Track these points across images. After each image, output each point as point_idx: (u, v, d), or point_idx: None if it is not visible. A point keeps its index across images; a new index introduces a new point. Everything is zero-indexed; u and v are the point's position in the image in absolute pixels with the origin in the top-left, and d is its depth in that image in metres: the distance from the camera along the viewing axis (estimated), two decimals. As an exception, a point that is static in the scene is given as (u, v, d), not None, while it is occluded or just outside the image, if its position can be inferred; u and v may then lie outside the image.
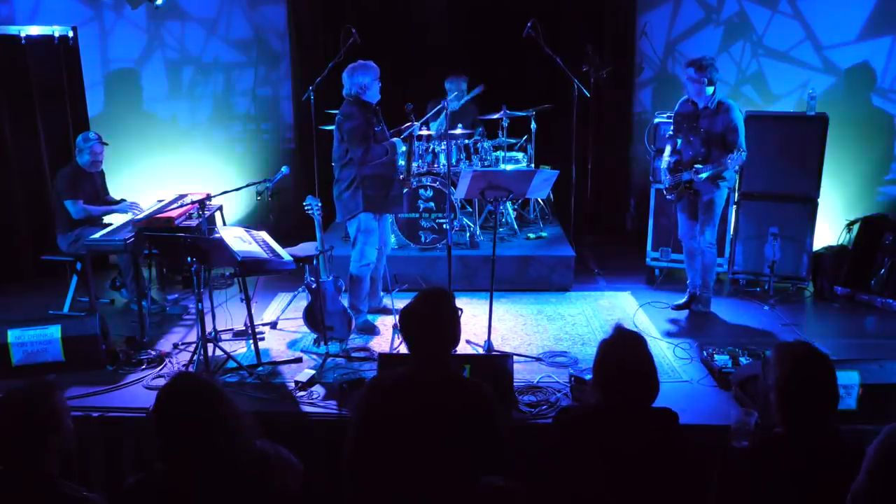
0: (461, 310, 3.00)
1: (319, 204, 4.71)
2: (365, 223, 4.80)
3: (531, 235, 6.44)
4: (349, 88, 4.71)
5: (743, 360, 4.17)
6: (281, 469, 2.33)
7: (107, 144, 5.58)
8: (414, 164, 6.10)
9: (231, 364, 4.30)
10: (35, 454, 2.25)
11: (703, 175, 4.83)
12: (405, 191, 5.59)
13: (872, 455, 2.09)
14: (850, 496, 2.12)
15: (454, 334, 2.80)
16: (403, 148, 5.36)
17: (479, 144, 6.48)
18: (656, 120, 6.01)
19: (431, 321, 2.71)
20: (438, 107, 5.97)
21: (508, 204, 6.46)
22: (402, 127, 5.21)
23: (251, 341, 4.53)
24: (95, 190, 5.57)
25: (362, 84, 4.66)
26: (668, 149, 5.13)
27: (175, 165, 7.02)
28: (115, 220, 5.36)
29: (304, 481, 2.44)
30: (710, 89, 4.83)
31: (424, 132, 6.29)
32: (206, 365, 4.20)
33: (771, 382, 2.43)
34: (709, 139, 4.87)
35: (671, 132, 5.15)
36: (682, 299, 5.37)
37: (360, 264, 4.86)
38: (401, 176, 5.60)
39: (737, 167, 4.84)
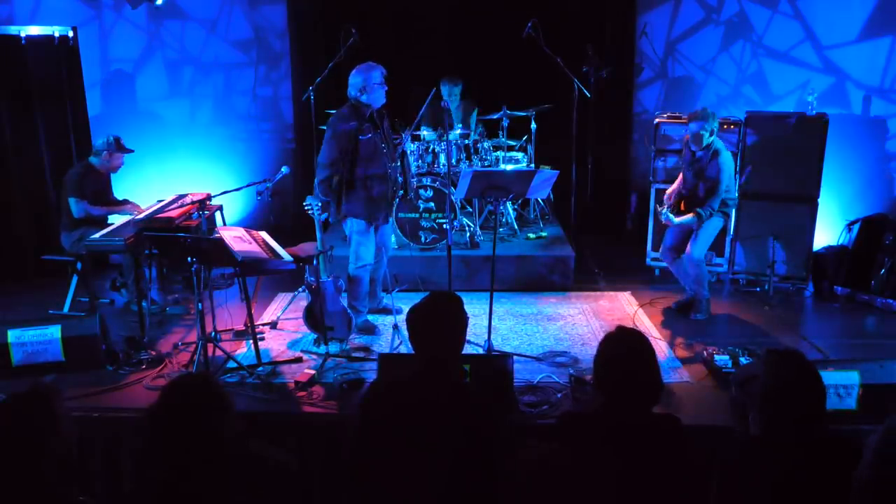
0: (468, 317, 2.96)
1: (319, 204, 4.70)
2: (357, 224, 4.78)
3: (531, 235, 6.43)
4: (348, 89, 4.67)
5: (743, 360, 4.16)
6: (275, 469, 2.33)
7: (131, 151, 5.54)
8: (414, 165, 6.04)
9: (231, 364, 4.30)
10: (32, 459, 2.24)
11: (675, 222, 5.05)
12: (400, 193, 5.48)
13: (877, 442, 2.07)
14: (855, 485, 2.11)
15: (459, 340, 2.76)
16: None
17: (479, 144, 6.48)
18: (657, 120, 6.01)
19: (437, 325, 2.68)
20: (428, 102, 5.90)
21: (508, 204, 6.45)
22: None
23: (251, 341, 4.53)
24: (101, 189, 5.57)
25: (359, 86, 4.58)
26: (678, 181, 5.33)
27: (175, 165, 7.02)
28: (116, 220, 5.36)
29: (304, 481, 2.44)
30: (710, 139, 4.98)
31: (424, 133, 6.29)
32: (206, 365, 4.20)
33: (756, 389, 2.44)
34: (701, 178, 5.04)
35: (680, 160, 5.33)
36: (683, 299, 5.37)
37: (356, 265, 4.84)
38: (399, 192, 5.31)
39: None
